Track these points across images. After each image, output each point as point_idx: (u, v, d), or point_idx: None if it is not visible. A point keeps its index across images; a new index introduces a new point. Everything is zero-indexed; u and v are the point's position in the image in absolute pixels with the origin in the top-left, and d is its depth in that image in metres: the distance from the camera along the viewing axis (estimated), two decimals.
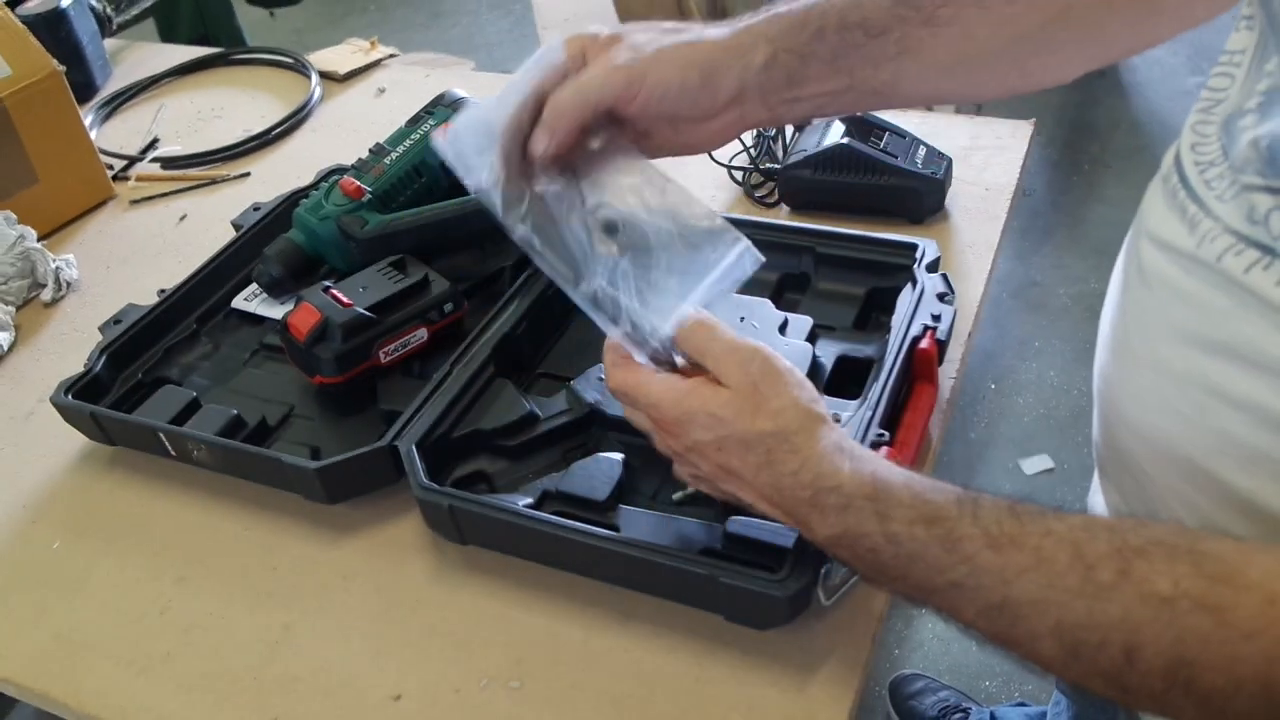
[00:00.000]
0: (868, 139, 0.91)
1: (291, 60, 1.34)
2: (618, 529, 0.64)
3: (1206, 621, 0.40)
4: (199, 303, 0.90)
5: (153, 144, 1.22)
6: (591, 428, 0.73)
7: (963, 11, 0.58)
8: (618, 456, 0.69)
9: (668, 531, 0.64)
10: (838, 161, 0.90)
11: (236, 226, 0.97)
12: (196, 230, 1.06)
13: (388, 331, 0.77)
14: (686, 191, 0.60)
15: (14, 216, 1.01)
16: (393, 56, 1.34)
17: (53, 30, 1.25)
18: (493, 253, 0.88)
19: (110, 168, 1.16)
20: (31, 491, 0.79)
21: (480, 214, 0.87)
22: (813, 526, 0.51)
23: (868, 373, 0.72)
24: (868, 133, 0.92)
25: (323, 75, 1.29)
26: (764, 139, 0.99)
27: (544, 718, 0.60)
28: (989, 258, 0.86)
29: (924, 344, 0.70)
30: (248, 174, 1.14)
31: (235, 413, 0.77)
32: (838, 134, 0.92)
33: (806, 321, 0.75)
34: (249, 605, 0.68)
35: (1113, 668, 0.42)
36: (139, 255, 1.05)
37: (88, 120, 1.21)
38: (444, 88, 0.94)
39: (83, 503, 0.78)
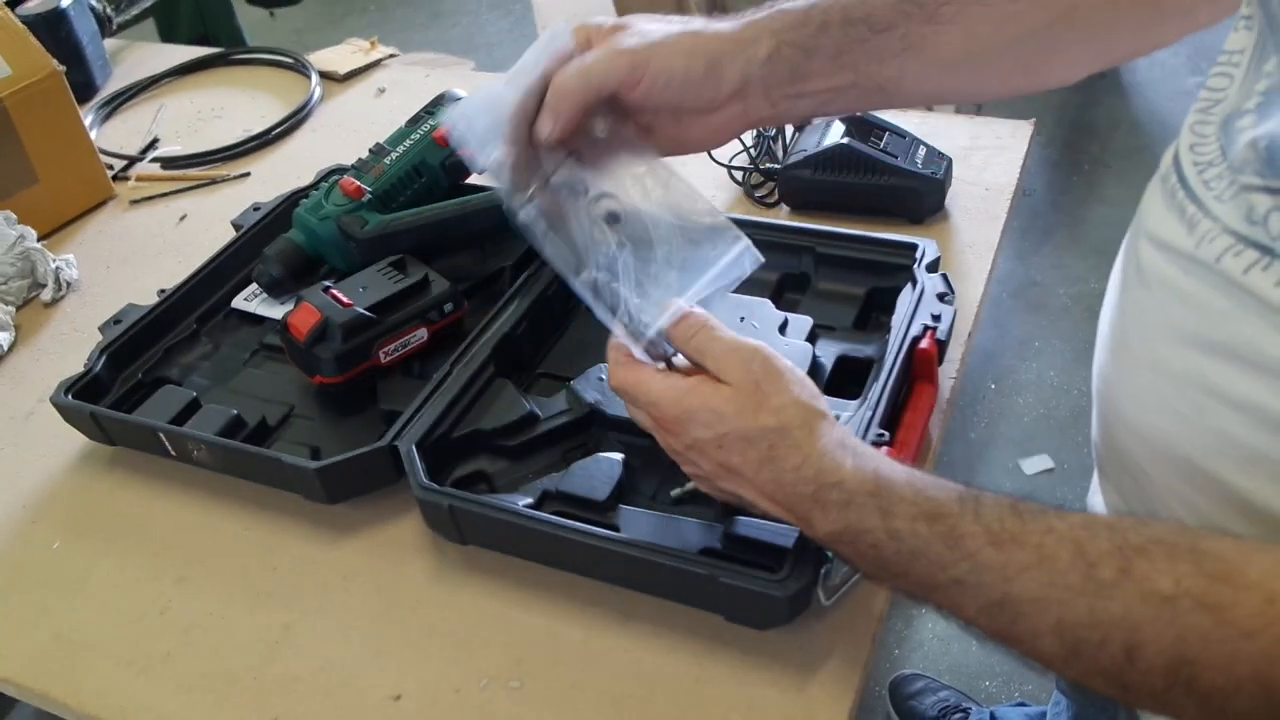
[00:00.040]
0: (868, 139, 0.91)
1: (291, 60, 1.34)
2: (618, 529, 0.64)
3: (1206, 620, 0.40)
4: (199, 303, 0.90)
5: (153, 144, 1.22)
6: (591, 428, 0.73)
7: (966, 9, 0.58)
8: (618, 456, 0.69)
9: (668, 531, 0.64)
10: (838, 161, 0.90)
11: (236, 226, 0.97)
12: (196, 230, 1.06)
13: (388, 331, 0.77)
14: (691, 187, 0.60)
15: (14, 216, 1.01)
16: (393, 56, 1.34)
17: (53, 30, 1.25)
18: (493, 253, 0.88)
19: (110, 168, 1.16)
20: (31, 491, 0.79)
21: (480, 214, 0.88)
22: (814, 523, 0.51)
23: (868, 373, 0.72)
24: (868, 133, 0.92)
25: (323, 75, 1.29)
26: (764, 139, 0.99)
27: (544, 718, 0.60)
28: (989, 258, 0.86)
29: (924, 344, 0.70)
30: (248, 174, 1.14)
31: (235, 413, 0.77)
32: (838, 134, 0.92)
33: (806, 321, 0.75)
34: (249, 605, 0.68)
35: (1113, 666, 0.42)
36: (139, 255, 1.05)
37: (88, 120, 1.21)
38: (444, 88, 0.94)
39: (83, 503, 0.78)
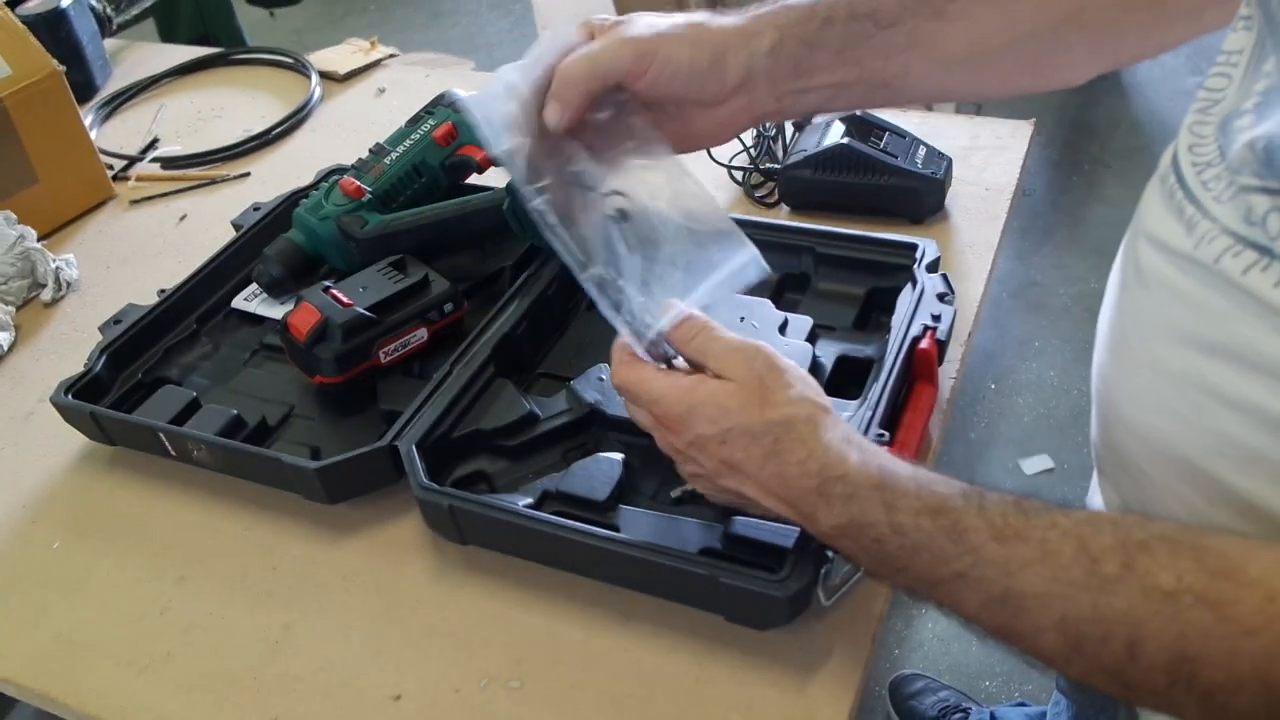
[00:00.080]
0: (868, 139, 0.91)
1: (291, 60, 1.34)
2: (618, 529, 0.64)
3: (1207, 616, 0.40)
4: (199, 303, 0.90)
5: (153, 144, 1.22)
6: (591, 428, 0.73)
7: (972, 7, 0.58)
8: (618, 456, 0.69)
9: (668, 531, 0.64)
10: (838, 161, 0.90)
11: (236, 226, 0.97)
12: (196, 230, 1.06)
13: (388, 331, 0.77)
14: (703, 189, 0.60)
15: (14, 216, 1.01)
16: (393, 56, 1.34)
17: (53, 30, 1.25)
18: (493, 253, 0.89)
19: (110, 168, 1.17)
20: (31, 491, 0.79)
21: (480, 214, 0.88)
22: (817, 517, 0.51)
23: (868, 373, 0.72)
24: (868, 133, 0.92)
25: (323, 75, 1.29)
26: (764, 139, 0.99)
27: (544, 718, 0.60)
28: (989, 258, 0.86)
29: (924, 344, 0.70)
30: (248, 174, 1.14)
31: (235, 413, 0.77)
32: (838, 134, 0.92)
33: (806, 321, 0.75)
34: (249, 605, 0.68)
35: (1115, 663, 0.42)
36: (139, 255, 1.05)
37: (88, 120, 1.21)
38: (444, 88, 0.94)
39: (83, 503, 0.78)
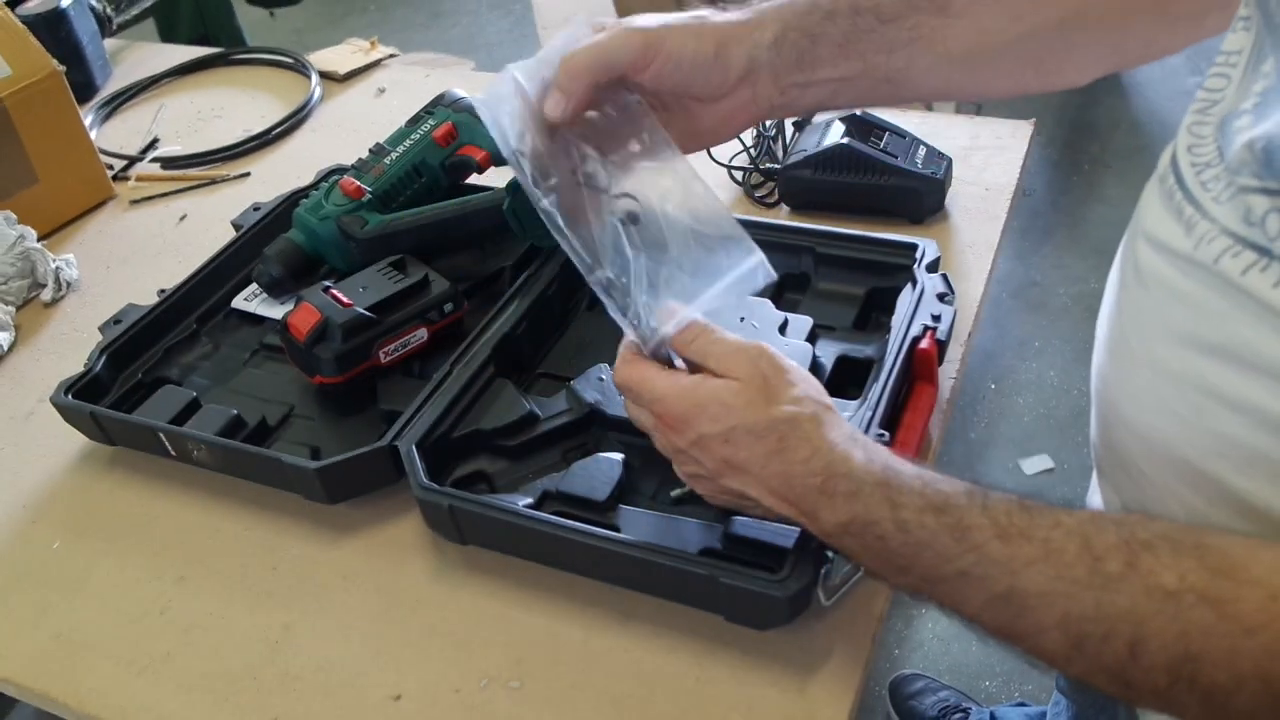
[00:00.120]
0: (868, 139, 0.91)
1: (291, 60, 1.34)
2: (618, 529, 0.64)
3: (1209, 615, 0.40)
4: (199, 303, 0.90)
5: (153, 144, 1.22)
6: (591, 428, 0.73)
7: (975, 4, 0.58)
8: (618, 456, 0.69)
9: (668, 531, 0.64)
10: (838, 161, 0.90)
11: (236, 226, 0.97)
12: (196, 230, 1.06)
13: (388, 331, 0.77)
14: (711, 192, 0.60)
15: (14, 216, 1.01)
16: (393, 56, 1.34)
17: (53, 30, 1.25)
18: (493, 253, 0.89)
19: (110, 168, 1.17)
20: (31, 491, 0.79)
21: (480, 214, 0.88)
22: (821, 515, 0.51)
23: (868, 373, 0.72)
24: (868, 133, 0.92)
25: (323, 75, 1.29)
26: (764, 139, 0.99)
27: (544, 718, 0.60)
28: (989, 258, 0.86)
29: (924, 344, 0.70)
30: (248, 174, 1.14)
31: (235, 413, 0.77)
32: (838, 134, 0.92)
33: (806, 321, 0.75)
34: (249, 605, 0.68)
35: (1117, 662, 0.42)
36: (139, 255, 1.05)
37: (88, 120, 1.21)
38: (444, 88, 0.94)
39: (83, 503, 0.78)
